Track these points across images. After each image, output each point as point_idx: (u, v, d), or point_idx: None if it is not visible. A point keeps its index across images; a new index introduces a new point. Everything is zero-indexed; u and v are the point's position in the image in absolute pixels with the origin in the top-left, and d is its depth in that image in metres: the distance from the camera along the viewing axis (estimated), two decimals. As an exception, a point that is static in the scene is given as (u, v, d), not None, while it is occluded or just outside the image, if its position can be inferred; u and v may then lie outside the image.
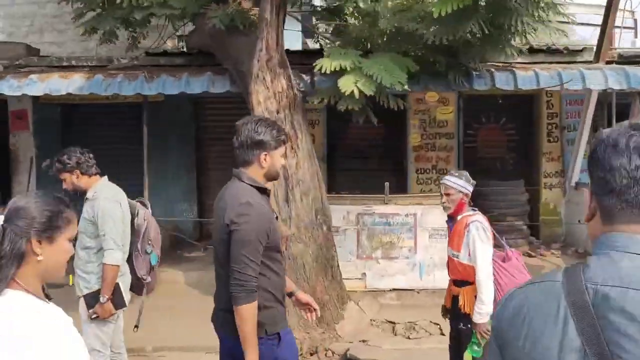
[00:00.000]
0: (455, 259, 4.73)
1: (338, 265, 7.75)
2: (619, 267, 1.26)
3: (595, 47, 9.29)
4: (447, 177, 4.80)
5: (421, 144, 10.81)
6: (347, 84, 6.73)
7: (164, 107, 10.41)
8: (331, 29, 8.79)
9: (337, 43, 8.04)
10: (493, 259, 4.59)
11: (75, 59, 9.72)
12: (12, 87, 7.86)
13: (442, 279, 8.16)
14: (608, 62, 9.12)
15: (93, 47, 9.77)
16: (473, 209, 4.76)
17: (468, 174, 4.78)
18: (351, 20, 8.19)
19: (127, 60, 9.34)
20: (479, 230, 4.52)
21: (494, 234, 4.73)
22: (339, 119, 10.96)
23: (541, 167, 10.78)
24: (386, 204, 8.49)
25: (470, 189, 4.71)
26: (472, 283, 4.60)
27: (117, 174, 9.75)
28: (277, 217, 3.56)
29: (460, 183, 4.65)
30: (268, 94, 7.27)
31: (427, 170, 10.77)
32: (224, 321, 3.34)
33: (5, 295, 1.87)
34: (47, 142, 10.72)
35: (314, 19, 8.34)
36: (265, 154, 3.30)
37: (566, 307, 1.26)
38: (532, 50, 9.49)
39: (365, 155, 10.99)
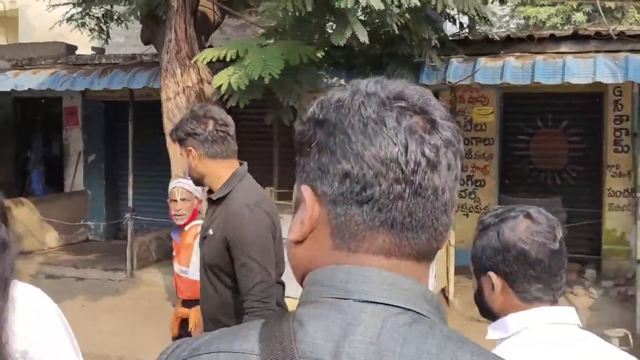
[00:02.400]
0: (183, 275, 4.09)
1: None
2: (362, 332, 0.75)
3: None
4: (181, 180, 4.15)
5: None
6: (221, 77, 5.91)
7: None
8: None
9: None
10: None
11: (105, 57, 9.92)
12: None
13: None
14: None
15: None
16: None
17: None
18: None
19: (148, 57, 9.30)
20: None
21: None
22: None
23: (604, 184, 8.59)
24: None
25: (201, 193, 4.05)
26: None
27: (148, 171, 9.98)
28: (204, 237, 2.96)
29: (195, 186, 3.86)
30: (177, 89, 6.68)
31: (461, 182, 9.17)
32: None
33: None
34: (93, 138, 11.16)
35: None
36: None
37: None
38: (579, 37, 7.59)
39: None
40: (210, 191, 2.93)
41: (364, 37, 5.02)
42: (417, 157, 0.79)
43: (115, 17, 8.51)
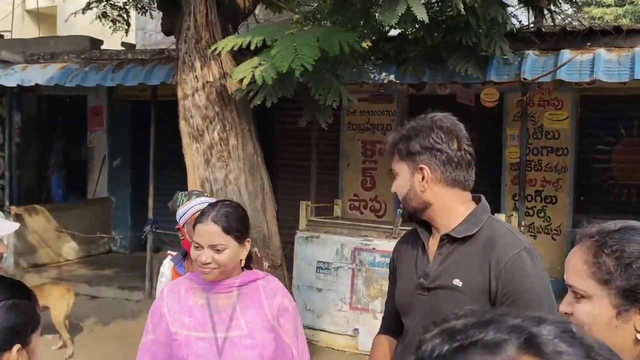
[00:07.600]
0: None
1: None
2: None
3: None
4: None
5: (521, 161, 7.96)
6: (243, 70, 4.85)
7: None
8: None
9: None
10: None
11: (132, 52, 9.00)
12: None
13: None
14: None
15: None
16: None
17: None
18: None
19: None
20: None
21: None
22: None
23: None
24: (394, 237, 6.18)
25: None
26: None
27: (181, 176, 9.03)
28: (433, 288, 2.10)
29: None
30: (196, 84, 5.65)
31: (529, 197, 7.92)
32: None
33: None
34: (119, 140, 10.28)
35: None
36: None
37: None
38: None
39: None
40: (423, 225, 2.11)
41: (422, 14, 3.87)
42: None
43: (138, 5, 7.54)
